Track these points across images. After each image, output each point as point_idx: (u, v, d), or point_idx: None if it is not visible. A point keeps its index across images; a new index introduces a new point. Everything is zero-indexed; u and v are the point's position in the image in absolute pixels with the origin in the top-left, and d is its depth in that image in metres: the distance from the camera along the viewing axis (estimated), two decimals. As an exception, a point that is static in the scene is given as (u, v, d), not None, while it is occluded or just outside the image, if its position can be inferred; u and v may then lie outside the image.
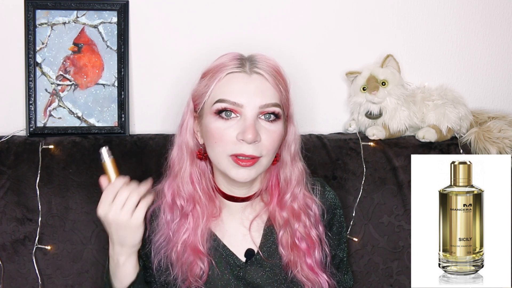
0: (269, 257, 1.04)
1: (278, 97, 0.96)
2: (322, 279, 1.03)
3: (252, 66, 0.95)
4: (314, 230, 1.05)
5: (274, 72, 0.96)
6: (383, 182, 1.34)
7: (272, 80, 0.95)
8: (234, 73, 0.95)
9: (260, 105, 0.93)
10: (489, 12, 1.53)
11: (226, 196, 1.04)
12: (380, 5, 1.49)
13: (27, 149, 1.29)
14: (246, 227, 1.05)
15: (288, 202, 1.04)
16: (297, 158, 1.06)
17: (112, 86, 1.41)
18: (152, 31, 1.43)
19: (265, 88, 0.94)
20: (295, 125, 1.05)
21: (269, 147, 0.95)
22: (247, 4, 1.45)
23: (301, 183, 1.06)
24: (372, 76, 1.42)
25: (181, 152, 1.03)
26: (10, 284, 1.22)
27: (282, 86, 0.97)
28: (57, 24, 1.39)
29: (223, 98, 0.94)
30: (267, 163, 0.97)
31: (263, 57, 0.98)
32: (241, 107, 0.93)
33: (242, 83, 0.94)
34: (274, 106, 0.95)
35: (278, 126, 0.96)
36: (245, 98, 0.93)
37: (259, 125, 0.94)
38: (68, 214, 1.24)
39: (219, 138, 0.94)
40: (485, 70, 1.57)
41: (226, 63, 0.96)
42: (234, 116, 0.94)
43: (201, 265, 0.99)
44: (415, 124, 1.44)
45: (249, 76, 0.95)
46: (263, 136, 0.94)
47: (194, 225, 1.00)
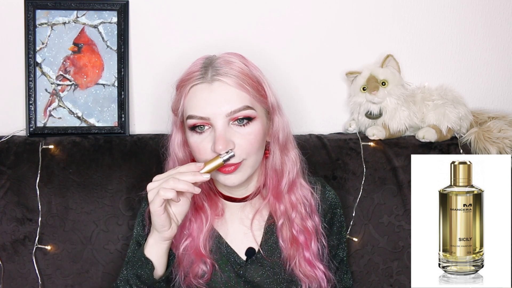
0: (269, 255, 1.04)
1: (246, 98, 0.94)
2: (319, 273, 1.03)
3: (213, 73, 0.93)
4: (310, 220, 1.05)
5: (238, 73, 0.94)
6: (383, 182, 1.34)
7: (235, 83, 0.93)
8: (197, 85, 0.94)
9: (226, 113, 0.92)
10: (489, 12, 1.53)
11: (225, 197, 1.05)
12: (380, 5, 1.49)
13: (27, 149, 1.29)
14: (246, 225, 1.05)
15: (284, 192, 1.03)
16: (290, 146, 1.04)
17: (112, 86, 1.41)
18: (152, 31, 1.44)
19: (229, 95, 0.92)
20: (283, 115, 1.02)
21: (248, 149, 0.94)
22: (247, 4, 1.45)
23: (295, 171, 1.04)
24: (372, 76, 1.42)
25: (173, 163, 1.04)
26: (10, 284, 1.22)
27: (250, 84, 0.94)
28: (57, 24, 1.39)
29: (191, 114, 0.94)
30: (254, 163, 0.97)
31: (224, 61, 0.95)
32: (208, 119, 0.92)
33: (205, 95, 0.93)
34: (243, 110, 0.93)
35: (254, 127, 0.94)
36: (209, 110, 0.92)
37: (232, 131, 0.93)
38: (68, 214, 1.24)
39: (197, 152, 0.95)
40: (485, 70, 1.57)
41: (191, 74, 0.96)
42: (207, 127, 0.94)
43: (203, 266, 1.01)
44: (415, 124, 1.44)
45: (211, 85, 0.93)
46: (238, 141, 0.93)
47: (197, 230, 1.02)
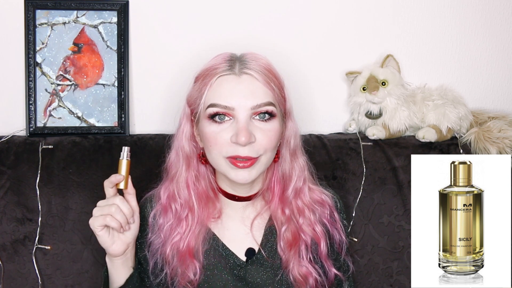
0: (270, 256, 1.04)
1: (270, 95, 0.95)
2: (310, 280, 1.02)
3: (242, 67, 0.95)
4: (318, 225, 1.05)
5: (265, 70, 0.96)
6: (383, 182, 1.34)
7: (262, 79, 0.95)
8: (224, 76, 0.95)
9: (251, 106, 0.93)
10: (489, 12, 1.53)
11: (228, 195, 1.04)
12: (380, 5, 1.49)
13: (27, 149, 1.29)
14: (247, 226, 1.05)
15: (290, 198, 1.04)
16: (298, 153, 1.06)
17: (112, 86, 1.41)
18: (152, 31, 1.43)
19: (255, 88, 0.94)
20: (294, 121, 1.04)
21: (266, 146, 0.95)
22: (247, 4, 1.45)
23: (302, 178, 1.05)
24: (372, 76, 1.42)
25: (177, 156, 1.04)
26: (10, 284, 1.22)
27: (275, 83, 0.96)
28: (57, 24, 1.39)
29: (214, 102, 0.94)
30: (267, 161, 0.97)
31: (253, 56, 0.98)
32: (232, 110, 0.93)
33: (232, 86, 0.94)
34: (267, 105, 0.94)
35: (273, 125, 0.96)
36: (235, 101, 0.93)
37: (253, 125, 0.94)
38: (68, 214, 1.24)
39: (214, 142, 0.94)
40: (485, 70, 1.57)
41: (216, 65, 0.96)
42: (228, 119, 0.94)
43: (191, 269, 1.00)
44: (415, 124, 1.44)
45: (239, 77, 0.94)
46: (258, 136, 0.94)
47: (187, 229, 1.01)
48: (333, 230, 1.07)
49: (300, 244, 1.03)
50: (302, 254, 1.02)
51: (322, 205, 1.07)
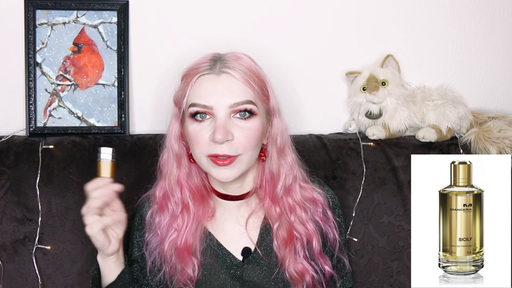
0: (266, 255, 1.04)
1: (250, 93, 0.96)
2: (306, 277, 1.02)
3: (221, 66, 0.96)
4: (310, 223, 1.04)
5: (245, 69, 0.96)
6: (383, 182, 1.34)
7: (242, 78, 0.95)
8: (205, 75, 0.96)
9: (229, 105, 0.94)
10: (489, 12, 1.53)
11: (220, 195, 1.05)
12: (380, 5, 1.49)
13: (27, 149, 1.29)
14: (242, 225, 1.05)
15: (280, 196, 1.04)
16: (287, 151, 1.05)
17: (112, 86, 1.41)
18: (152, 31, 1.44)
19: (234, 87, 0.95)
20: (282, 119, 1.04)
21: (245, 144, 0.95)
22: (247, 4, 1.45)
23: (291, 175, 1.05)
24: (372, 76, 1.42)
25: (168, 156, 1.05)
26: (10, 284, 1.22)
27: (255, 82, 0.97)
28: (57, 24, 1.39)
29: (195, 102, 0.95)
30: (249, 160, 0.97)
31: (233, 56, 0.98)
32: (211, 108, 0.94)
33: (211, 85, 0.95)
34: (246, 104, 0.95)
35: (254, 123, 0.96)
36: (214, 100, 0.94)
37: (232, 123, 0.95)
38: (68, 214, 1.24)
39: (195, 140, 0.96)
40: (485, 70, 1.57)
41: (198, 65, 0.98)
42: (208, 117, 0.95)
43: (190, 266, 1.00)
44: (415, 124, 1.44)
45: (218, 76, 0.95)
46: (237, 134, 0.94)
47: (183, 226, 1.02)
48: (327, 228, 1.07)
49: (296, 241, 1.03)
50: (298, 251, 1.02)
51: (314, 203, 1.07)
